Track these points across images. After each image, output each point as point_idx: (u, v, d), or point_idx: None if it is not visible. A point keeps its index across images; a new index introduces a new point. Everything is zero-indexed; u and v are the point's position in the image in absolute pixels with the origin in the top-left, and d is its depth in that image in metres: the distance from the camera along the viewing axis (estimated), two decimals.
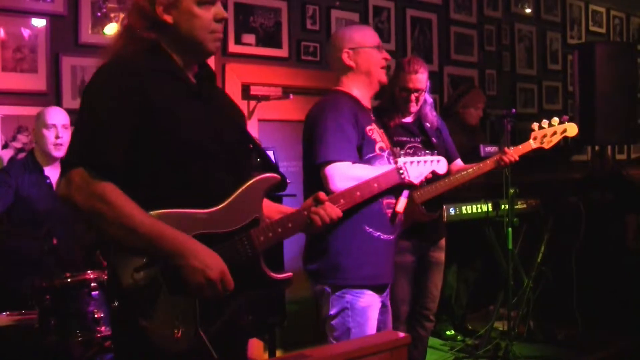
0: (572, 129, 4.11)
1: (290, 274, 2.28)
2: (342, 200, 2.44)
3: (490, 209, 4.86)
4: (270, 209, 2.38)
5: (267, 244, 2.22)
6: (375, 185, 2.59)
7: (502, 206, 4.75)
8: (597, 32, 8.99)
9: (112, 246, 2.08)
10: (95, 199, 1.98)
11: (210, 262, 2.03)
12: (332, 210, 2.39)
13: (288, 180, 2.34)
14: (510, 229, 4.54)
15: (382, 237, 3.23)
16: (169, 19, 2.21)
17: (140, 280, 2.05)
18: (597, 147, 6.82)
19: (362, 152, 3.21)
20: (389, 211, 3.25)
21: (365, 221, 3.17)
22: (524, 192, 5.04)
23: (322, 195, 2.40)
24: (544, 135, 4.10)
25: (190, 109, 2.19)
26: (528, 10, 8.03)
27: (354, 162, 3.14)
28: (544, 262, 5.36)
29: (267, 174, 2.24)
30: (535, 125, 4.13)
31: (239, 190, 2.18)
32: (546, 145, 4.10)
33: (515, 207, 4.66)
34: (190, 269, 2.01)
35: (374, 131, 3.31)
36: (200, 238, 2.07)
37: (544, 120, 4.12)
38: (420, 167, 2.73)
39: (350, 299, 3.18)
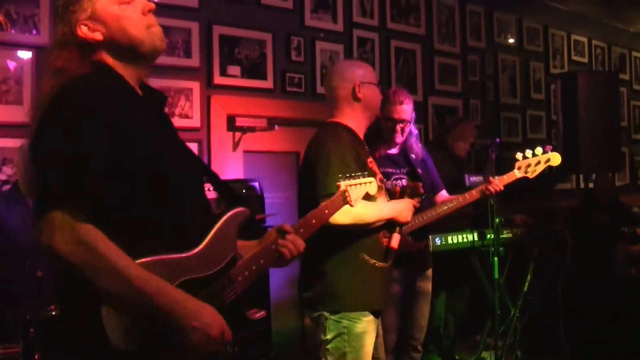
0: (555, 159, 4.15)
1: (263, 312, 2.21)
2: (301, 230, 2.43)
3: (476, 238, 4.86)
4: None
5: (245, 283, 2.11)
6: (326, 211, 2.61)
7: (488, 235, 4.76)
8: (579, 62, 9.09)
9: (98, 301, 1.79)
10: (82, 246, 1.73)
11: (209, 319, 1.87)
12: (299, 242, 2.32)
13: (270, 212, 2.30)
14: (496, 259, 4.54)
15: (377, 264, 3.28)
16: (98, 35, 1.97)
17: (134, 342, 1.81)
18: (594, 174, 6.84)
19: None
20: (385, 240, 3.33)
21: (362, 249, 3.23)
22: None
23: (286, 227, 2.33)
24: (528, 165, 4.13)
25: (161, 135, 2.00)
26: (511, 40, 8.12)
27: None
28: (531, 290, 5.36)
29: (238, 209, 2.12)
30: (519, 155, 4.16)
31: (215, 229, 2.04)
32: (530, 175, 4.14)
33: (500, 236, 4.67)
34: (191, 329, 1.82)
35: (373, 164, 3.39)
36: (184, 285, 1.89)
37: (528, 150, 4.16)
38: (357, 189, 2.77)
39: (347, 324, 3.19)
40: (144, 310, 1.80)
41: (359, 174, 2.81)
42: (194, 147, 5.16)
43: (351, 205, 2.75)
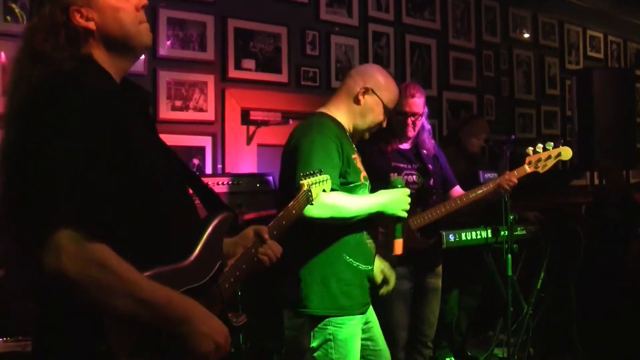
0: (566, 153, 4.13)
1: (244, 318, 2.17)
2: (275, 232, 2.42)
3: (489, 235, 4.85)
4: None
5: (231, 289, 2.10)
6: (294, 211, 2.60)
7: (502, 232, 4.74)
8: (594, 58, 9.03)
9: (104, 317, 1.71)
10: (94, 266, 1.63)
11: (216, 325, 1.84)
12: (277, 247, 2.33)
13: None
14: (509, 256, 4.52)
15: (361, 267, 3.25)
16: (91, 25, 1.86)
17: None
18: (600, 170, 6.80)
19: (348, 179, 3.22)
20: (369, 242, 3.30)
21: (345, 250, 3.19)
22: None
23: (264, 233, 2.31)
24: (539, 160, 4.12)
25: (150, 140, 1.94)
26: (526, 35, 8.07)
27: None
28: (544, 288, 5.34)
29: (225, 215, 2.11)
30: (530, 149, 4.15)
31: (205, 236, 2.00)
32: (541, 170, 4.13)
33: (514, 233, 4.65)
34: (200, 335, 1.79)
35: (358, 160, 3.32)
36: (185, 294, 1.84)
37: (539, 145, 4.14)
38: (317, 187, 2.76)
39: (332, 331, 3.16)
40: (154, 321, 1.74)
41: (317, 171, 2.80)
42: (207, 140, 5.17)
43: (312, 204, 2.73)
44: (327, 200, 3.02)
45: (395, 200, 3.28)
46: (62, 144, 1.67)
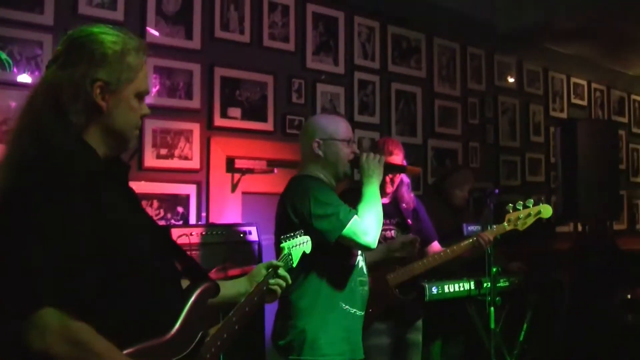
0: (546, 211, 4.19)
1: None
2: (256, 299, 2.43)
3: (472, 287, 4.84)
4: None
5: (215, 357, 2.14)
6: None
7: (485, 284, 4.74)
8: (578, 105, 9.11)
9: None
10: (77, 347, 1.67)
11: None
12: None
13: (268, 252, 2.28)
14: (492, 309, 4.52)
15: (357, 313, 3.31)
16: (104, 106, 1.92)
17: None
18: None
19: None
20: (361, 288, 3.34)
21: (341, 298, 3.25)
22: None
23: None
24: (518, 218, 4.17)
25: (133, 217, 1.98)
26: (511, 80, 8.12)
27: None
28: (527, 339, 5.33)
29: (206, 285, 2.15)
30: (510, 206, 4.20)
31: (187, 309, 2.03)
32: (520, 227, 4.20)
33: (497, 285, 4.65)
34: None
35: None
36: None
37: (519, 202, 4.19)
38: (297, 250, 2.79)
39: None
40: None
41: (298, 232, 2.82)
42: (192, 188, 5.17)
43: (293, 267, 2.76)
44: (363, 227, 3.17)
45: (370, 169, 3.36)
46: (46, 223, 1.71)
